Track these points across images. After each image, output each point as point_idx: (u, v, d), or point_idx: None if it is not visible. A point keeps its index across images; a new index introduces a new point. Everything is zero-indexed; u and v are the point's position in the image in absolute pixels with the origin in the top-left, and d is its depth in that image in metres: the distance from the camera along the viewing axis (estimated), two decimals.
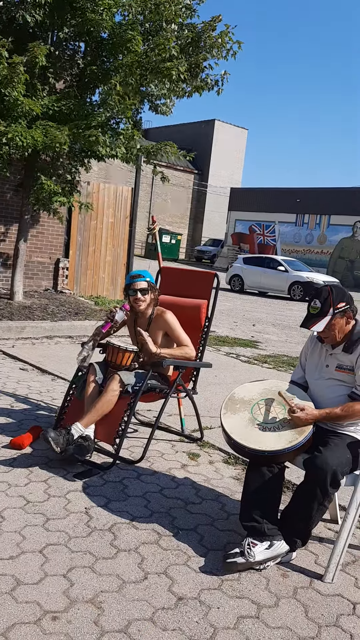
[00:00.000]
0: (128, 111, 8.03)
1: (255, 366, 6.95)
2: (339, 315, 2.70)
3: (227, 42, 8.87)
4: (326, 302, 2.69)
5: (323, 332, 2.73)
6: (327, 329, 2.71)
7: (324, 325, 2.68)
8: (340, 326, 2.73)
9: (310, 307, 2.73)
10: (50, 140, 7.35)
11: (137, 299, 3.70)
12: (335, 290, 2.74)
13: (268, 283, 19.30)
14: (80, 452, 3.37)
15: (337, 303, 2.69)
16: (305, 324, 2.74)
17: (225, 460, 3.82)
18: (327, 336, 2.76)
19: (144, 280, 3.72)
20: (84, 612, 2.16)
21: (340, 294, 2.73)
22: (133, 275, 3.76)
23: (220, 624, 2.18)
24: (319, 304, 2.69)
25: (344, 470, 2.54)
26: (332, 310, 2.68)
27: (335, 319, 2.69)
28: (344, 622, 2.28)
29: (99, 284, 11.59)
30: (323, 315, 2.68)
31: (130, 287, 3.72)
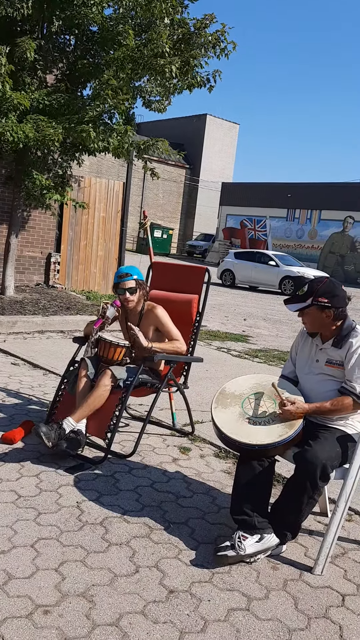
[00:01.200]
0: (121, 105, 7.99)
1: (246, 360, 6.97)
2: (316, 308, 2.72)
3: (221, 42, 8.86)
4: (310, 290, 2.73)
5: (302, 315, 2.81)
6: (300, 314, 2.79)
7: (296, 308, 2.76)
8: (315, 318, 2.76)
9: (300, 289, 2.78)
10: (43, 136, 7.31)
11: (126, 298, 3.70)
12: (328, 285, 2.75)
13: (259, 278, 19.34)
14: (72, 446, 3.37)
15: (319, 295, 2.71)
16: (286, 300, 2.84)
17: (216, 454, 3.84)
18: (305, 322, 2.85)
19: (131, 279, 3.72)
20: (75, 605, 2.17)
21: (329, 291, 2.72)
22: (120, 275, 3.75)
23: (210, 617, 2.20)
24: (306, 289, 2.75)
25: (333, 464, 2.57)
26: (312, 300, 2.71)
27: (310, 308, 2.73)
28: (333, 613, 2.31)
29: (90, 279, 11.57)
30: (302, 300, 2.74)
31: (119, 287, 3.72)
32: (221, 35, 8.76)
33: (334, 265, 30.18)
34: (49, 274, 10.72)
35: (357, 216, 29.55)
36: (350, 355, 2.70)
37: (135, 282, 3.73)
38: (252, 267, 19.49)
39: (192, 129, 40.36)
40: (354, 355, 2.69)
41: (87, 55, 8.85)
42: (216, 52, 8.96)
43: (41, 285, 10.55)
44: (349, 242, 30.01)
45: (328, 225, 30.84)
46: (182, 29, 8.90)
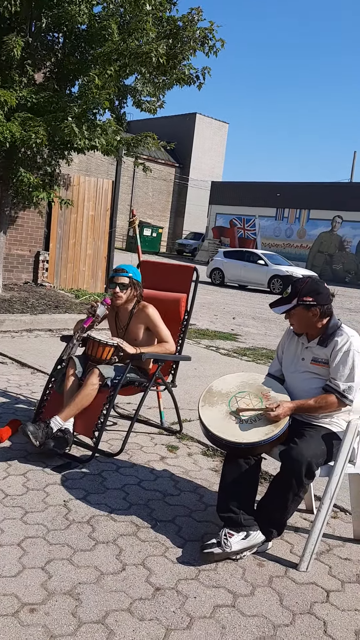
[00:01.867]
0: (105, 102, 7.96)
1: (234, 359, 7.00)
2: (302, 307, 2.76)
3: (210, 39, 8.86)
4: (295, 291, 2.77)
5: (289, 317, 2.85)
6: (287, 316, 2.84)
7: (283, 310, 2.80)
8: (302, 318, 2.80)
9: (284, 291, 2.82)
10: (28, 136, 7.27)
11: (115, 292, 3.70)
12: (311, 284, 2.79)
13: (248, 276, 19.40)
14: (59, 445, 3.37)
15: (304, 295, 2.74)
16: (272, 304, 2.87)
17: (204, 452, 3.86)
18: (293, 323, 2.89)
19: (126, 275, 3.72)
20: (61, 603, 2.17)
21: (312, 289, 2.76)
22: (117, 269, 3.76)
23: (196, 613, 2.21)
24: (290, 290, 2.78)
25: (318, 462, 2.59)
26: (297, 300, 2.74)
27: (296, 309, 2.76)
28: (317, 609, 2.33)
29: (79, 277, 11.55)
30: (287, 302, 2.78)
31: (112, 280, 3.73)
32: (209, 32, 8.77)
33: (323, 265, 30.33)
34: (38, 273, 10.68)
35: (345, 216, 29.72)
36: (335, 353, 2.73)
37: (129, 280, 3.73)
38: (241, 266, 19.54)
39: (181, 128, 40.33)
40: (339, 354, 2.71)
41: (75, 52, 8.83)
42: (204, 49, 8.97)
43: (30, 284, 10.51)
44: (337, 241, 30.17)
45: (317, 225, 30.98)
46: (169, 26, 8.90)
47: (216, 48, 9.07)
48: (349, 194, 29.71)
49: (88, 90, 7.71)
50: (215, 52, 9.13)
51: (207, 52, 9.13)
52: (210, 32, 8.87)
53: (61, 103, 8.07)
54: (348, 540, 2.92)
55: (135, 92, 9.63)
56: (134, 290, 3.76)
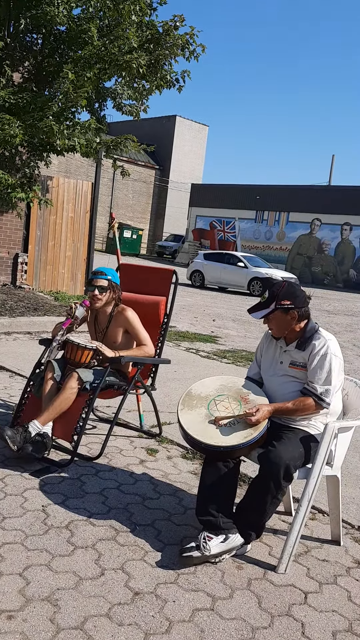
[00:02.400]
0: (82, 100, 7.92)
1: (214, 361, 7.02)
2: (281, 311, 2.78)
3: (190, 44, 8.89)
4: (272, 295, 2.79)
5: (267, 321, 2.86)
6: (266, 320, 2.85)
7: (261, 315, 2.82)
8: (281, 321, 2.82)
9: (261, 296, 2.84)
10: (5, 135, 7.21)
11: (94, 295, 3.69)
12: (287, 287, 2.82)
13: (228, 279, 19.46)
14: (38, 449, 3.34)
15: (282, 299, 2.77)
16: (250, 309, 2.88)
17: (184, 455, 3.86)
18: (271, 327, 2.90)
19: (104, 277, 3.71)
20: (39, 610, 2.16)
21: (289, 293, 2.80)
22: (96, 272, 3.75)
23: (175, 617, 2.22)
24: (267, 295, 2.80)
25: (296, 464, 2.61)
26: (275, 304, 2.76)
27: (275, 313, 2.78)
28: (295, 611, 2.35)
29: (58, 279, 11.47)
30: (266, 306, 2.79)
31: (91, 283, 3.72)
32: (190, 38, 8.80)
33: (302, 267, 30.59)
34: (16, 275, 10.59)
35: (324, 218, 30.02)
36: (312, 357, 2.76)
37: (107, 282, 3.72)
38: (221, 268, 19.60)
39: (161, 130, 40.37)
40: (316, 357, 2.74)
41: (54, 54, 8.79)
42: (185, 54, 9.00)
43: (8, 286, 10.41)
44: (316, 244, 30.46)
45: (296, 227, 31.24)
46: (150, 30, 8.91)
47: (197, 53, 9.11)
48: (328, 197, 30.04)
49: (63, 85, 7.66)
50: (196, 57, 9.17)
51: (188, 57, 9.16)
52: (191, 37, 8.91)
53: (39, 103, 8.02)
54: (326, 542, 2.94)
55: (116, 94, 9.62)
56: (113, 293, 3.75)
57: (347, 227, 29.19)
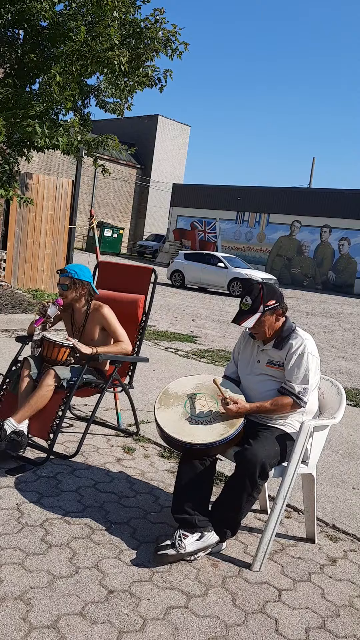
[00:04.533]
0: (67, 102, 7.89)
1: (193, 361, 7.03)
2: (269, 313, 2.79)
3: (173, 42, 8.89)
4: (257, 300, 2.77)
5: (253, 328, 2.82)
6: (257, 325, 2.79)
7: (254, 322, 2.77)
8: (270, 323, 2.82)
9: (242, 304, 2.82)
10: None
11: (60, 293, 3.69)
12: (266, 288, 2.83)
13: (208, 279, 19.51)
14: (13, 447, 3.31)
15: (267, 300, 2.78)
16: (236, 320, 2.81)
17: (160, 454, 3.85)
18: (258, 332, 2.85)
19: (66, 275, 3.68)
20: (12, 609, 2.13)
21: (270, 292, 2.82)
22: (61, 270, 3.73)
23: (150, 615, 2.21)
24: (250, 301, 2.78)
25: (272, 462, 2.62)
26: (262, 307, 2.77)
27: (265, 315, 2.78)
28: (269, 608, 2.36)
29: (37, 277, 11.39)
30: (253, 312, 2.77)
31: (58, 282, 3.71)
32: (172, 36, 8.81)
33: (281, 268, 30.79)
34: None
35: (303, 220, 30.26)
36: (290, 356, 2.77)
37: (69, 280, 3.68)
38: (201, 268, 19.64)
39: (143, 129, 40.27)
40: (294, 357, 2.76)
41: (36, 50, 8.72)
42: (167, 52, 9.00)
43: None
44: (296, 245, 30.68)
45: (276, 229, 31.43)
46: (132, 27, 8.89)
47: (179, 51, 9.12)
48: (308, 200, 30.28)
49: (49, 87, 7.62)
50: (179, 55, 9.17)
51: (171, 55, 9.17)
52: (174, 35, 8.91)
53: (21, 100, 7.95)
54: (301, 540, 2.96)
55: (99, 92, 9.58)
56: (79, 289, 3.70)
57: (326, 229, 29.47)
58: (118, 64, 8.15)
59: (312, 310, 16.98)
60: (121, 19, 8.47)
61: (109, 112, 9.58)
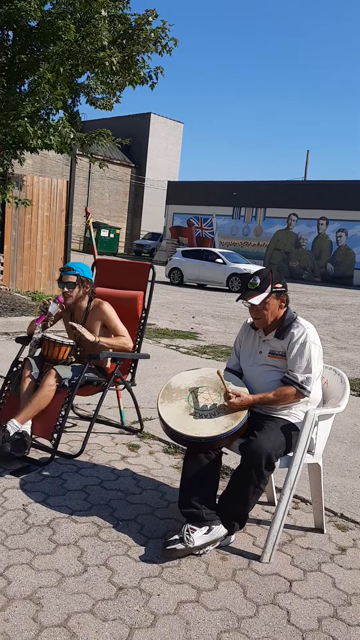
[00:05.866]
0: (58, 102, 7.86)
1: (194, 357, 7.01)
2: (275, 296, 2.77)
3: (162, 38, 8.87)
4: (265, 280, 2.78)
5: (257, 311, 2.80)
6: (261, 308, 2.78)
7: (261, 300, 2.76)
8: (274, 308, 2.80)
9: (249, 283, 2.81)
10: None
11: (64, 292, 3.66)
12: (275, 272, 2.84)
13: (206, 275, 19.48)
14: (17, 448, 3.29)
15: (275, 283, 2.77)
16: (242, 297, 2.80)
17: (165, 450, 3.84)
18: (259, 316, 2.83)
19: (73, 273, 3.67)
20: (22, 609, 2.12)
21: (279, 277, 2.84)
22: (64, 268, 3.71)
23: (160, 611, 2.19)
24: (258, 280, 2.78)
25: (278, 453, 2.61)
26: (271, 287, 2.76)
27: (271, 297, 2.77)
28: (280, 599, 2.35)
29: (35, 279, 11.36)
30: (261, 291, 2.76)
31: (60, 279, 3.68)
32: (162, 32, 8.78)
33: (280, 262, 30.76)
34: None
35: (300, 213, 30.22)
36: (292, 345, 2.76)
37: (75, 278, 3.68)
38: (199, 265, 19.61)
39: (136, 128, 40.22)
40: (296, 346, 2.74)
41: (26, 50, 8.69)
42: (157, 48, 8.97)
43: None
44: (294, 239, 30.66)
45: (273, 223, 31.40)
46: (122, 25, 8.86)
47: (169, 47, 9.10)
48: (304, 192, 30.23)
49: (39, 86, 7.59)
50: (168, 51, 9.15)
51: (161, 52, 9.14)
52: (163, 31, 8.88)
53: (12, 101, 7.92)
54: (309, 530, 2.95)
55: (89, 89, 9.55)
56: (84, 288, 3.70)
57: (323, 221, 29.44)
58: (109, 64, 8.13)
59: (312, 303, 16.96)
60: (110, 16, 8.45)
61: (98, 108, 9.56)
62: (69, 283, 3.65)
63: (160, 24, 8.82)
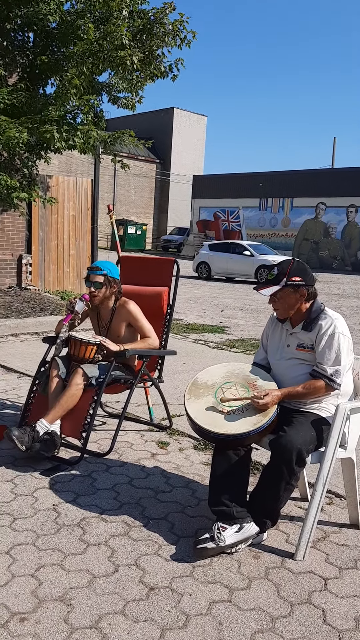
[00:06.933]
0: (85, 106, 7.88)
1: (223, 351, 6.95)
2: (291, 289, 2.70)
3: (181, 31, 8.78)
4: (282, 272, 2.71)
5: (273, 301, 2.76)
6: (275, 298, 2.72)
7: (272, 292, 2.71)
8: (290, 300, 2.73)
9: (269, 274, 2.75)
10: (6, 138, 7.15)
11: (91, 291, 3.65)
12: (296, 264, 2.75)
13: (235, 268, 19.35)
14: (47, 448, 3.30)
15: (292, 275, 2.69)
16: (257, 287, 2.77)
17: (195, 447, 3.80)
18: (277, 307, 2.79)
19: (100, 273, 3.65)
20: (53, 610, 2.11)
21: (300, 270, 2.74)
22: (91, 267, 3.70)
23: (192, 611, 2.16)
24: (276, 272, 2.72)
25: (308, 448, 2.54)
26: (285, 280, 2.68)
27: (285, 290, 2.70)
28: (315, 598, 2.29)
29: (64, 279, 11.44)
30: (275, 283, 2.71)
31: (88, 279, 3.67)
32: (180, 25, 8.69)
33: (309, 252, 30.37)
34: (21, 276, 10.56)
35: (328, 202, 29.76)
36: (320, 337, 2.68)
37: (103, 278, 3.66)
38: (227, 258, 19.49)
39: (160, 123, 40.18)
40: (324, 338, 2.66)
41: (46, 51, 8.71)
42: (176, 42, 8.89)
43: (14, 288, 10.39)
44: (322, 228, 30.21)
45: (301, 213, 30.99)
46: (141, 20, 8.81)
47: (188, 40, 9.00)
48: (331, 180, 29.75)
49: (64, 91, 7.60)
50: (187, 44, 9.05)
51: (180, 45, 9.05)
52: (181, 24, 8.79)
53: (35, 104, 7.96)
54: (344, 526, 2.88)
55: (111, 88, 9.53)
56: (111, 288, 3.68)
57: (352, 209, 28.92)
58: (130, 63, 8.09)
59: (343, 292, 16.68)
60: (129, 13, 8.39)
61: (121, 107, 9.52)
62: (96, 283, 3.64)
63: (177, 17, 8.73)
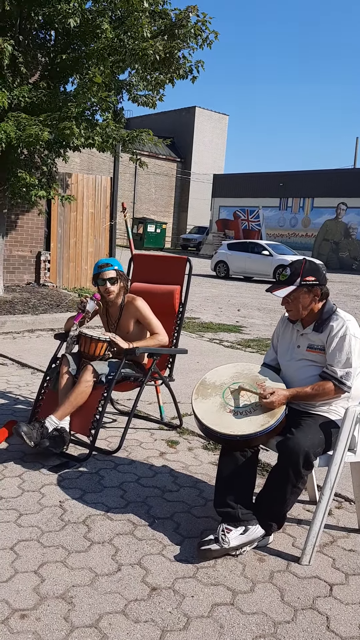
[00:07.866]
0: (104, 104, 7.90)
1: (238, 351, 6.91)
2: (305, 289, 2.66)
3: (203, 32, 8.75)
4: (295, 272, 2.66)
5: (286, 303, 2.71)
6: (289, 299, 2.68)
7: (286, 293, 2.66)
8: (305, 301, 2.68)
9: (281, 274, 2.71)
10: (27, 135, 7.19)
11: (106, 289, 3.64)
12: (309, 264, 2.71)
13: (253, 268, 19.24)
14: (56, 445, 3.30)
15: (306, 275, 2.65)
16: (270, 289, 2.72)
17: (205, 446, 3.78)
18: (290, 309, 2.74)
19: (112, 269, 3.65)
20: (53, 608, 2.11)
21: (312, 269, 2.69)
22: (101, 265, 3.69)
23: (194, 613, 2.14)
24: (289, 272, 2.67)
25: (316, 451, 2.50)
26: (300, 280, 2.64)
27: (300, 291, 2.65)
28: (320, 604, 2.25)
29: (82, 276, 11.49)
30: (289, 283, 2.66)
31: (99, 277, 3.65)
32: (202, 25, 8.66)
33: (329, 252, 30.09)
34: (40, 273, 10.64)
35: (349, 202, 29.44)
36: (330, 339, 2.64)
37: (115, 273, 3.66)
38: (245, 257, 19.38)
39: (181, 122, 40.17)
40: (335, 339, 2.62)
41: (67, 49, 8.74)
42: (198, 42, 8.85)
43: (32, 284, 10.47)
44: (343, 228, 29.91)
45: (321, 213, 30.71)
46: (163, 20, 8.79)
47: (209, 40, 8.96)
48: (353, 181, 29.41)
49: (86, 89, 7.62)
50: (209, 44, 9.01)
51: (201, 45, 9.02)
52: (203, 24, 8.76)
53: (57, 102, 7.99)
54: (353, 531, 2.83)
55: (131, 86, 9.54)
56: (123, 281, 3.70)
57: None
58: (153, 54, 8.07)
59: None
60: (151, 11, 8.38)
61: (141, 105, 9.52)
62: (111, 279, 3.64)
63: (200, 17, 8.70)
